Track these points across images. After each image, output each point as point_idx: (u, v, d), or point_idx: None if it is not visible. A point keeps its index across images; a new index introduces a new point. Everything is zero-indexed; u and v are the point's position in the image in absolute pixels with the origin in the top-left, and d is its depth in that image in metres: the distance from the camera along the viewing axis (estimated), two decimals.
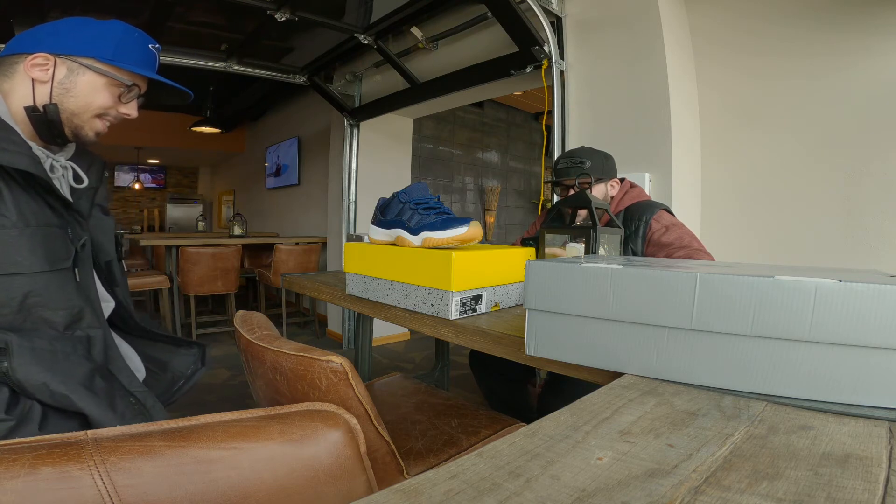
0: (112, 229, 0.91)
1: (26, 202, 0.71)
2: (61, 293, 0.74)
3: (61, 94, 0.76)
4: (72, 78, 0.76)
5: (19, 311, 0.70)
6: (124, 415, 0.74)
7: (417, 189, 1.07)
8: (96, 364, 0.76)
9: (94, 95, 0.78)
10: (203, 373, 0.99)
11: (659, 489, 0.32)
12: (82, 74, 0.76)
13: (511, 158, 5.73)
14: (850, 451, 0.38)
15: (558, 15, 2.06)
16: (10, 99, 0.75)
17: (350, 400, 0.66)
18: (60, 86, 0.76)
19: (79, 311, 0.76)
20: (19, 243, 0.69)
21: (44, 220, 0.73)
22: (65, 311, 0.74)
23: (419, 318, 0.97)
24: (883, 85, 1.50)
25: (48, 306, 0.72)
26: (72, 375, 0.70)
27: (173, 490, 0.39)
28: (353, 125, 3.48)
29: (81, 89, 0.76)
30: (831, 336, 0.45)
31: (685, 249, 1.27)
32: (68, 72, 0.76)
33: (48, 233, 0.73)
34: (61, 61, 0.75)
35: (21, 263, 0.69)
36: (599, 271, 0.56)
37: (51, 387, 0.68)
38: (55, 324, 0.73)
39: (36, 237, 0.71)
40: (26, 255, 0.70)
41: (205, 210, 8.48)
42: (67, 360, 0.71)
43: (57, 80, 0.75)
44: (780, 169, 1.73)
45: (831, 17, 1.59)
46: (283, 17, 2.29)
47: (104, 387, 0.74)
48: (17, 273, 0.69)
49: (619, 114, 1.92)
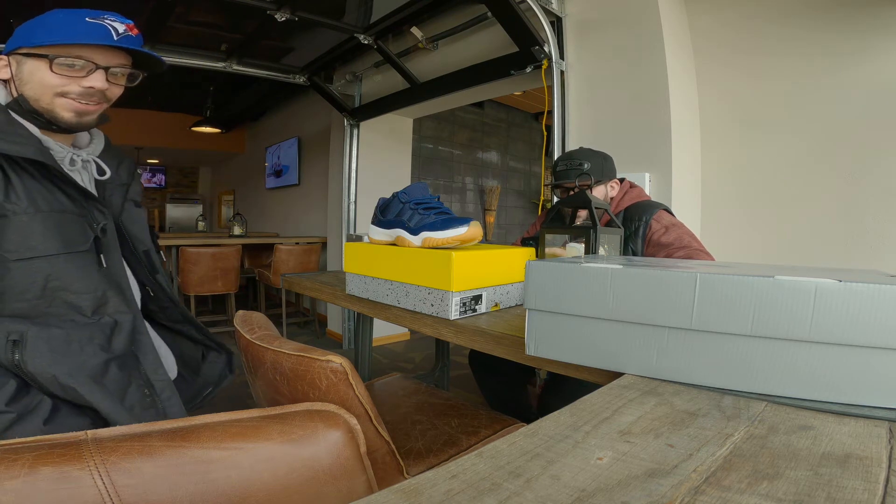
0: (144, 219, 0.95)
1: (38, 190, 0.74)
2: (82, 277, 0.76)
3: (21, 86, 0.80)
4: (21, 69, 0.80)
5: (42, 295, 0.72)
6: (133, 408, 0.75)
7: (417, 189, 1.07)
8: (114, 353, 0.77)
9: (40, 77, 0.80)
10: (230, 380, 1.02)
11: (659, 489, 0.32)
12: (25, 63, 0.80)
13: (511, 158, 5.73)
14: (850, 451, 0.38)
15: (558, 15, 2.06)
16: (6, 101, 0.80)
17: (350, 400, 0.66)
18: (18, 79, 0.80)
19: (103, 294, 0.78)
20: (31, 228, 0.72)
21: (57, 206, 0.76)
22: (89, 295, 0.76)
23: (419, 318, 0.97)
24: (883, 85, 1.50)
25: (70, 290, 0.74)
26: (81, 368, 0.72)
27: (173, 490, 0.39)
28: (353, 125, 3.48)
29: (28, 76, 0.80)
30: (831, 336, 0.45)
31: (685, 249, 1.27)
32: (17, 65, 0.81)
33: (62, 217, 0.76)
34: (12, 58, 0.81)
35: (36, 247, 0.72)
36: (599, 271, 0.56)
37: (60, 380, 0.69)
38: (82, 308, 0.75)
39: (48, 221, 0.74)
40: (40, 238, 0.72)
41: (205, 210, 8.48)
42: (81, 352, 0.73)
43: (14, 74, 0.80)
44: (780, 169, 1.73)
45: (831, 17, 1.59)
46: (283, 17, 2.29)
47: (118, 378, 0.76)
48: (33, 257, 0.71)
49: (619, 114, 1.92)
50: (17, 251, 0.71)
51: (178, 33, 2.64)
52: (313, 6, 2.32)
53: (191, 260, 3.27)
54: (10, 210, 0.71)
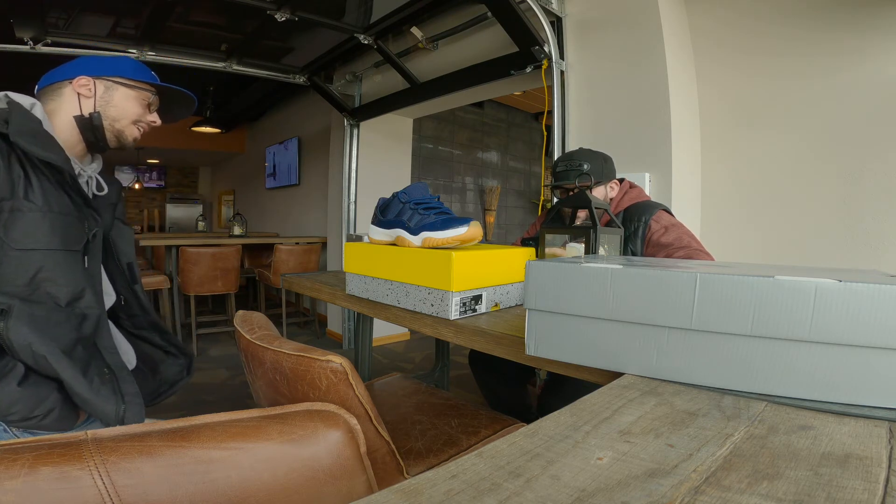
0: (132, 236, 1.08)
1: (51, 192, 0.85)
2: (68, 273, 0.86)
3: (103, 105, 0.95)
4: (109, 93, 0.96)
5: (29, 283, 0.81)
6: (93, 381, 0.84)
7: (417, 189, 1.07)
8: (83, 335, 0.86)
9: (129, 104, 0.98)
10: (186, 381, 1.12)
11: (659, 489, 0.32)
12: (116, 90, 0.97)
13: (511, 158, 5.72)
14: (850, 451, 0.38)
15: (558, 15, 2.06)
16: (55, 116, 0.92)
17: (350, 400, 0.66)
18: (101, 99, 0.95)
19: (81, 290, 0.87)
20: (41, 224, 0.82)
21: (64, 208, 0.86)
22: (68, 289, 0.85)
23: (419, 318, 0.97)
24: (883, 84, 1.50)
25: (55, 282, 0.83)
26: (55, 340, 0.80)
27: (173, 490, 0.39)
28: (353, 125, 3.48)
29: (118, 101, 0.97)
30: (831, 336, 0.45)
31: (685, 249, 1.27)
32: (105, 88, 0.96)
33: (67, 220, 0.86)
34: (99, 81, 0.95)
35: (39, 240, 0.81)
36: (599, 271, 0.56)
37: (33, 348, 0.78)
38: (58, 298, 0.84)
39: (56, 221, 0.84)
40: (45, 234, 0.82)
41: (205, 210, 8.48)
42: (58, 328, 0.82)
43: (98, 94, 0.95)
44: (781, 168, 1.73)
45: (831, 17, 1.59)
46: (283, 17, 2.29)
47: (83, 356, 0.85)
48: (34, 249, 0.81)
49: (619, 114, 1.92)
50: (22, 241, 0.80)
51: (178, 33, 2.64)
52: (313, 6, 2.32)
53: (191, 260, 3.27)
54: (25, 206, 0.81)
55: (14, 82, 1.25)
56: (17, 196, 0.80)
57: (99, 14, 2.40)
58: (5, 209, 0.79)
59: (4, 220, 0.79)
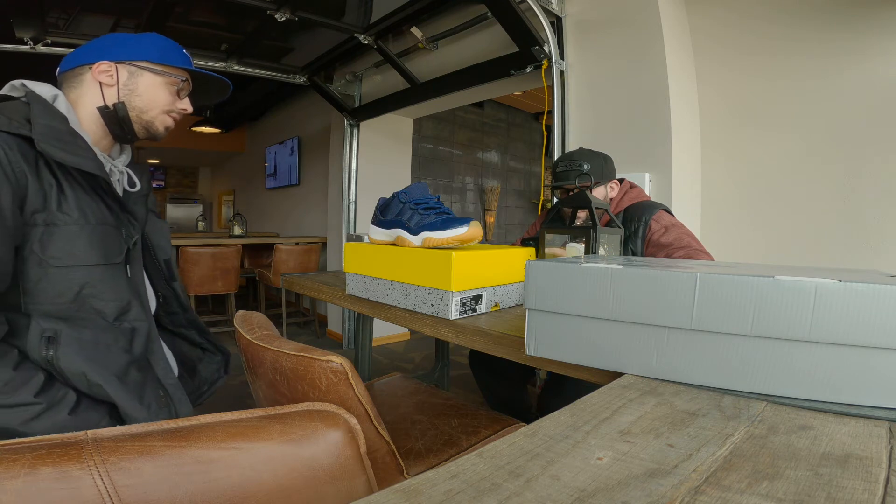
0: (168, 231, 1.00)
1: (87, 202, 0.78)
2: (113, 286, 0.80)
3: (127, 95, 0.85)
4: (134, 80, 0.85)
5: (74, 300, 0.76)
6: (150, 406, 0.79)
7: (417, 189, 1.07)
8: (134, 356, 0.81)
9: (156, 93, 0.87)
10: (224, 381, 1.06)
11: (659, 489, 0.32)
12: (141, 76, 0.86)
13: (511, 158, 5.72)
14: (850, 451, 0.38)
15: (558, 15, 2.06)
16: (79, 106, 0.83)
17: (350, 400, 0.66)
18: (125, 87, 0.85)
19: (127, 303, 0.82)
20: (79, 238, 0.76)
21: (101, 218, 0.80)
22: (115, 304, 0.80)
23: (419, 318, 0.97)
24: (883, 84, 1.50)
25: (100, 298, 0.78)
26: (108, 367, 0.76)
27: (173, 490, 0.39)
28: (353, 125, 3.48)
29: (144, 89, 0.86)
30: (831, 336, 0.45)
31: (685, 249, 1.27)
32: (129, 75, 0.85)
33: (105, 230, 0.80)
34: (121, 66, 0.84)
35: (79, 257, 0.76)
36: (599, 271, 0.56)
37: (88, 377, 0.73)
38: (105, 314, 0.79)
39: (94, 234, 0.78)
40: (84, 249, 0.76)
41: (205, 210, 8.47)
42: (108, 352, 0.77)
43: (121, 82, 0.84)
44: (781, 168, 1.73)
45: (831, 17, 1.59)
46: (283, 17, 2.29)
47: (137, 379, 0.80)
48: (75, 265, 0.75)
49: (619, 114, 1.92)
50: (61, 259, 0.74)
51: (178, 33, 2.64)
52: (313, 6, 2.31)
53: (191, 260, 3.27)
54: (60, 220, 0.74)
55: None
56: (49, 208, 0.74)
57: (99, 14, 2.40)
58: (39, 222, 0.73)
59: (40, 235, 0.73)
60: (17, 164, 0.71)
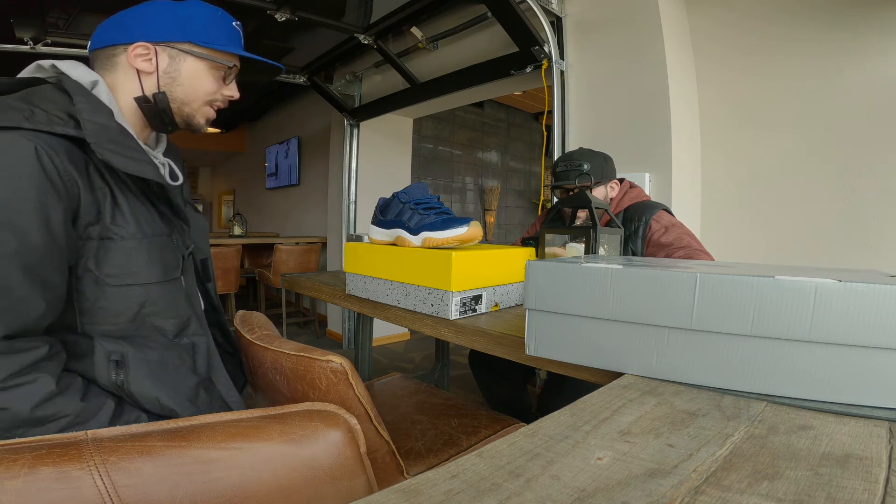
0: (206, 228, 0.90)
1: (140, 210, 0.70)
2: (172, 302, 0.73)
3: (168, 84, 0.74)
4: (175, 66, 0.74)
5: (134, 319, 0.69)
6: None
7: (417, 189, 1.07)
8: (201, 376, 0.76)
9: (199, 81, 0.76)
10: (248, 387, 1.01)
11: (659, 489, 0.32)
12: (183, 61, 0.74)
13: (511, 158, 5.72)
14: (850, 451, 0.38)
15: (558, 15, 2.06)
16: (117, 93, 0.73)
17: (350, 400, 0.66)
18: (166, 75, 0.74)
19: (187, 319, 0.75)
20: (137, 255, 0.68)
21: (157, 229, 0.72)
22: (175, 320, 0.73)
23: (419, 318, 0.97)
24: (883, 84, 1.50)
25: (161, 315, 0.72)
26: (180, 390, 0.70)
27: (173, 490, 0.39)
28: (353, 125, 3.48)
29: (186, 77, 0.75)
30: (831, 336, 0.45)
31: (685, 249, 1.27)
32: (170, 59, 0.74)
33: (162, 243, 0.73)
34: (161, 49, 0.73)
35: (138, 275, 0.68)
36: (599, 271, 0.56)
37: (161, 401, 0.68)
38: (165, 332, 0.72)
39: (152, 248, 0.70)
40: (143, 266, 0.69)
41: (205, 210, 8.47)
42: (177, 373, 0.71)
43: (161, 69, 0.73)
44: (781, 168, 1.73)
45: (831, 17, 1.59)
46: (283, 17, 2.29)
47: (206, 400, 0.75)
48: (134, 284, 0.68)
49: (619, 114, 1.92)
50: (119, 276, 0.67)
51: None
52: (313, 6, 2.31)
53: None
54: (116, 233, 0.67)
55: None
56: (103, 220, 0.66)
57: (99, 14, 2.40)
58: (94, 236, 0.65)
59: (94, 250, 0.65)
60: (67, 173, 0.61)
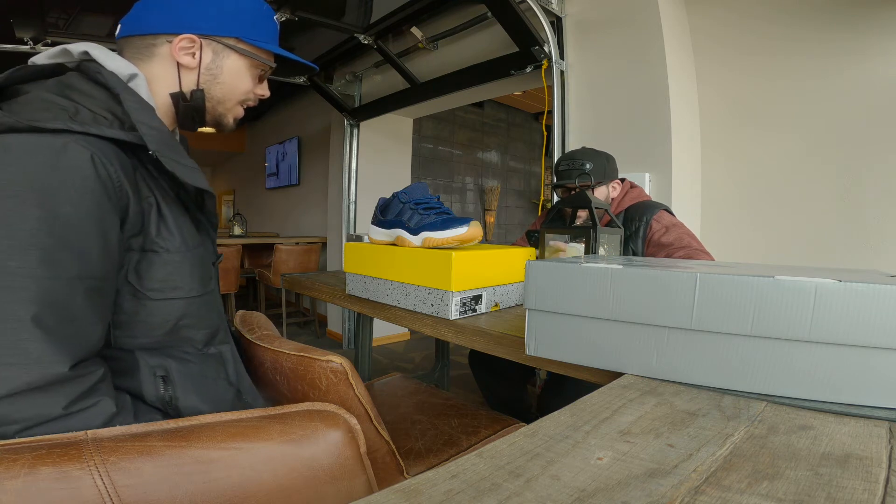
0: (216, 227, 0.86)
1: (182, 221, 0.66)
2: (206, 312, 0.70)
3: (208, 81, 0.69)
4: (217, 62, 0.69)
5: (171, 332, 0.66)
6: None
7: (417, 189, 1.07)
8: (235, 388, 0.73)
9: (239, 80, 0.71)
10: None
11: (659, 489, 0.32)
12: (227, 58, 0.69)
13: (511, 158, 5.72)
14: (850, 451, 0.38)
15: (558, 15, 2.06)
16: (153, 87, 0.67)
17: (350, 400, 0.66)
18: (208, 72, 0.68)
19: (216, 328, 0.73)
20: (181, 268, 0.65)
21: (196, 239, 0.69)
22: (206, 331, 0.71)
23: (419, 318, 0.97)
24: (883, 84, 1.50)
25: (195, 326, 0.69)
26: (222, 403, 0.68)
27: (173, 490, 0.39)
28: (353, 125, 3.48)
29: (227, 75, 0.70)
30: (831, 336, 0.45)
31: (685, 249, 1.27)
32: (214, 55, 0.68)
33: (201, 254, 0.69)
34: (206, 43, 0.67)
35: (181, 288, 0.65)
36: (599, 271, 0.56)
37: None
38: (196, 342, 0.70)
39: (195, 260, 0.67)
40: (185, 279, 0.65)
41: None
42: (216, 386, 0.69)
43: (204, 64, 0.68)
44: (781, 168, 1.73)
45: (831, 17, 1.59)
46: (283, 17, 2.29)
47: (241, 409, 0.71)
48: (175, 298, 0.65)
49: (619, 114, 1.92)
50: (161, 291, 0.63)
51: None
52: (313, 6, 2.31)
53: None
54: (161, 247, 0.63)
55: None
56: (147, 232, 0.62)
57: (99, 14, 2.40)
58: (135, 248, 0.61)
59: (135, 262, 0.61)
60: (119, 182, 0.57)
